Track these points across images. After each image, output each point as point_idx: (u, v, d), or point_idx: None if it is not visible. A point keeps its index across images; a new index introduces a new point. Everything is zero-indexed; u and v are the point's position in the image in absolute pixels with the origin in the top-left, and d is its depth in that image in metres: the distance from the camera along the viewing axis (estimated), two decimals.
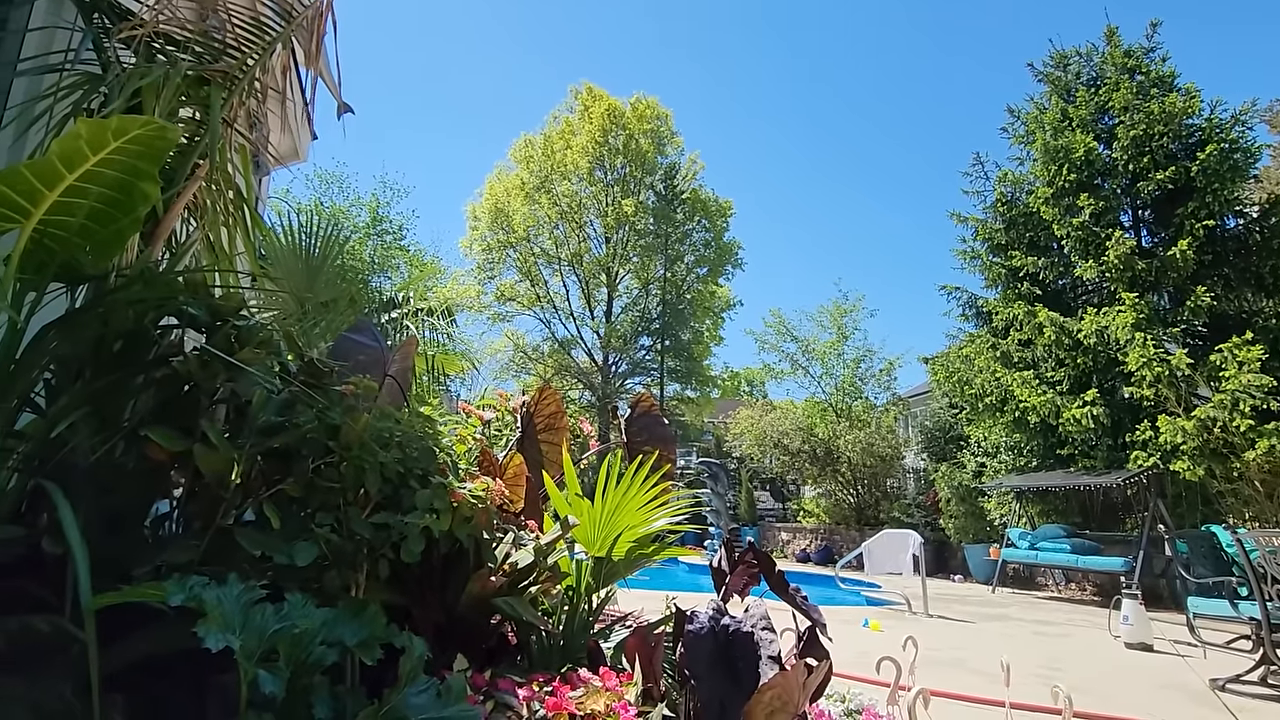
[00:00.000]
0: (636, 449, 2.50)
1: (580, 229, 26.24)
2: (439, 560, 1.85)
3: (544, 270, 26.70)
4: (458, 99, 64.96)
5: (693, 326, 27.46)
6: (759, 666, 1.38)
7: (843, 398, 19.64)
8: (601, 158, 25.73)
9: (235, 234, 2.28)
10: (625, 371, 27.29)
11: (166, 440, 1.43)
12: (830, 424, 18.35)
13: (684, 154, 27.50)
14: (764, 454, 19.76)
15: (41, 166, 1.50)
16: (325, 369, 1.70)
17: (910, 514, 15.96)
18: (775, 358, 21.69)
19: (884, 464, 17.26)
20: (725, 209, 27.92)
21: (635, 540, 2.16)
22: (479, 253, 26.29)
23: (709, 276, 27.52)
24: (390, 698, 1.23)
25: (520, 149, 26.33)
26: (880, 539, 9.62)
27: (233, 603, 1.17)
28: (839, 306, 20.60)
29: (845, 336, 20.21)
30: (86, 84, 1.96)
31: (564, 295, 26.99)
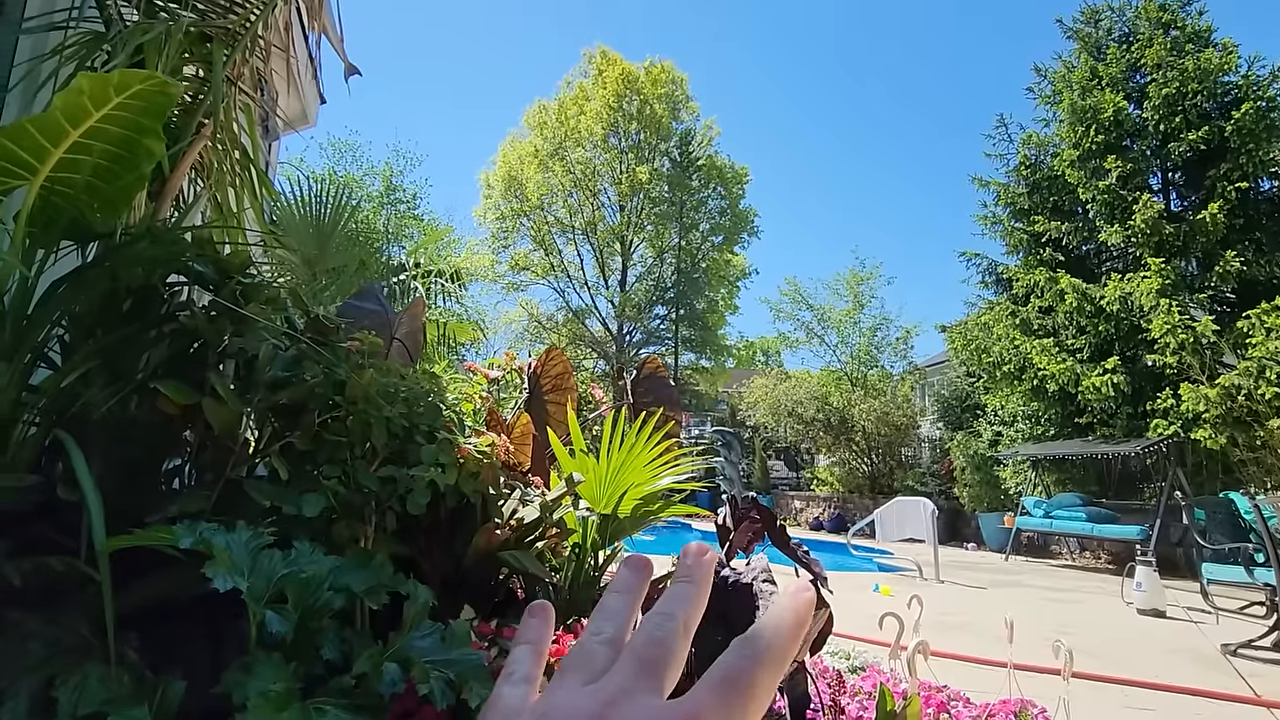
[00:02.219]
0: (642, 409, 2.51)
1: (594, 197, 26.01)
2: (446, 514, 1.88)
3: (558, 239, 26.58)
4: (471, 64, 64.05)
5: (707, 295, 27.29)
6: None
7: (858, 366, 19.52)
8: (616, 124, 25.36)
9: (242, 194, 2.28)
10: (640, 341, 27.27)
11: (177, 394, 1.46)
12: (845, 393, 18.27)
13: (699, 120, 27.03)
14: (778, 423, 19.75)
15: (46, 122, 1.51)
16: (331, 326, 1.71)
17: (925, 483, 15.94)
18: (791, 326, 21.55)
19: (899, 433, 17.20)
20: (741, 176, 27.49)
21: (641, 498, 2.18)
22: (493, 221, 26.20)
23: (724, 245, 27.24)
24: (395, 641, 1.26)
25: (534, 115, 26.00)
26: (893, 506, 9.63)
27: (241, 548, 1.21)
28: (855, 274, 20.34)
29: (862, 305, 20.00)
30: (90, 41, 1.95)
31: (578, 264, 26.90)
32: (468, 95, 64.76)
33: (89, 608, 1.20)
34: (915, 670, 1.80)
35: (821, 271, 30.00)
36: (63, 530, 1.30)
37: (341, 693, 1.17)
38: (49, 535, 1.27)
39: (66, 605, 1.20)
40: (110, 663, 1.08)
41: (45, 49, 2.23)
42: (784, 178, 76.29)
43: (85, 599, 1.21)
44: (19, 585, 1.11)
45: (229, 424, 1.53)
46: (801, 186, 77.47)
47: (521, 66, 65.95)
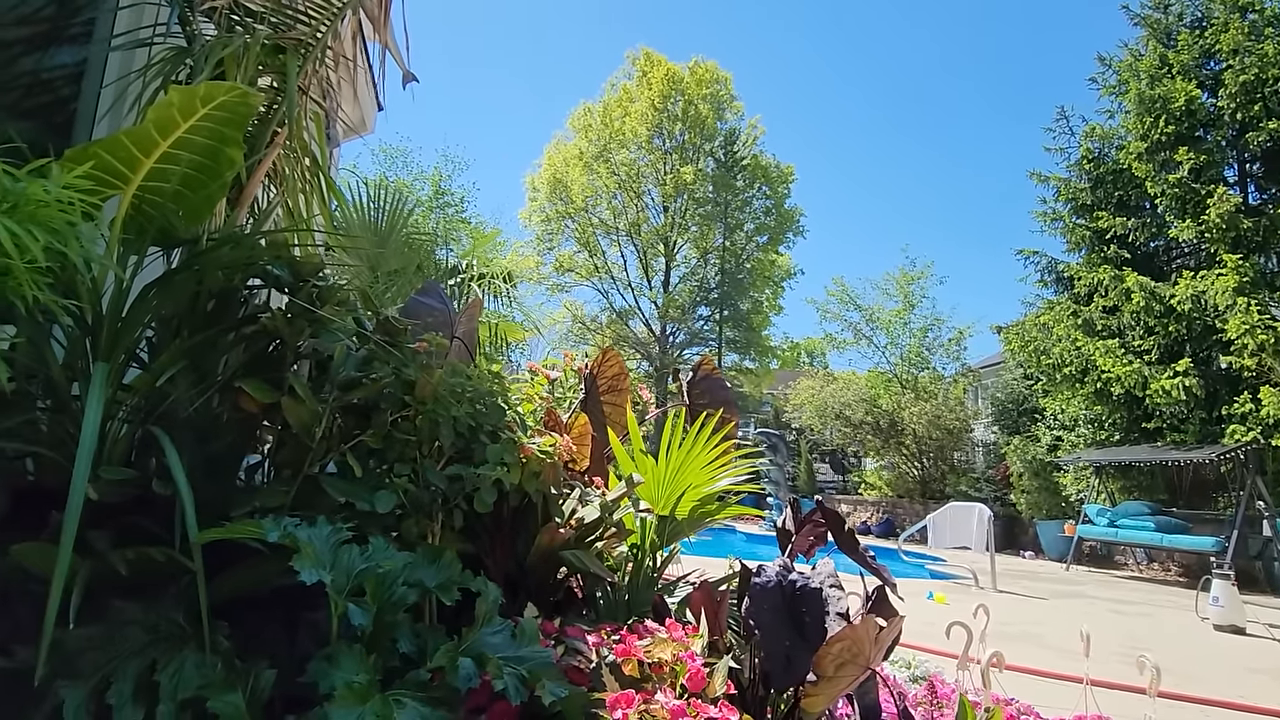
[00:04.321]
0: (698, 410, 2.50)
1: (638, 198, 26.08)
2: (509, 513, 1.91)
3: (602, 240, 26.74)
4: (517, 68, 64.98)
5: (752, 296, 27.05)
6: (826, 622, 1.37)
7: (908, 368, 19.04)
8: (660, 125, 25.38)
9: (311, 200, 2.36)
10: (683, 342, 27.22)
11: (259, 392, 1.52)
12: (895, 395, 17.85)
13: (744, 119, 26.83)
14: (824, 425, 19.43)
15: (139, 134, 1.59)
16: (400, 327, 1.75)
17: (979, 488, 15.44)
18: (838, 327, 21.16)
19: (951, 437, 16.71)
20: (786, 175, 27.17)
21: (698, 499, 2.17)
22: (538, 224, 26.53)
23: (769, 245, 26.96)
24: (468, 636, 1.28)
25: (579, 118, 26.22)
26: (946, 512, 9.36)
27: (322, 542, 1.24)
28: (906, 274, 19.85)
29: (912, 305, 19.50)
30: (174, 56, 2.05)
31: (622, 265, 27.01)
32: (515, 98, 65.74)
33: (182, 596, 1.26)
34: (990, 682, 1.74)
35: (870, 271, 29.38)
36: (157, 522, 1.37)
37: (418, 686, 1.19)
38: (144, 527, 1.33)
39: (162, 594, 1.26)
40: (205, 650, 1.13)
41: (132, 66, 2.35)
42: (831, 176, 74.99)
43: (179, 588, 1.27)
44: (125, 574, 1.17)
45: (306, 422, 1.58)
46: (849, 185, 76.03)
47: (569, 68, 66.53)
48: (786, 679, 1.33)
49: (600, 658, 1.45)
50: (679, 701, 1.30)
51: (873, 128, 73.29)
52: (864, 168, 75.74)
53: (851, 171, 75.96)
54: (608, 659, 1.42)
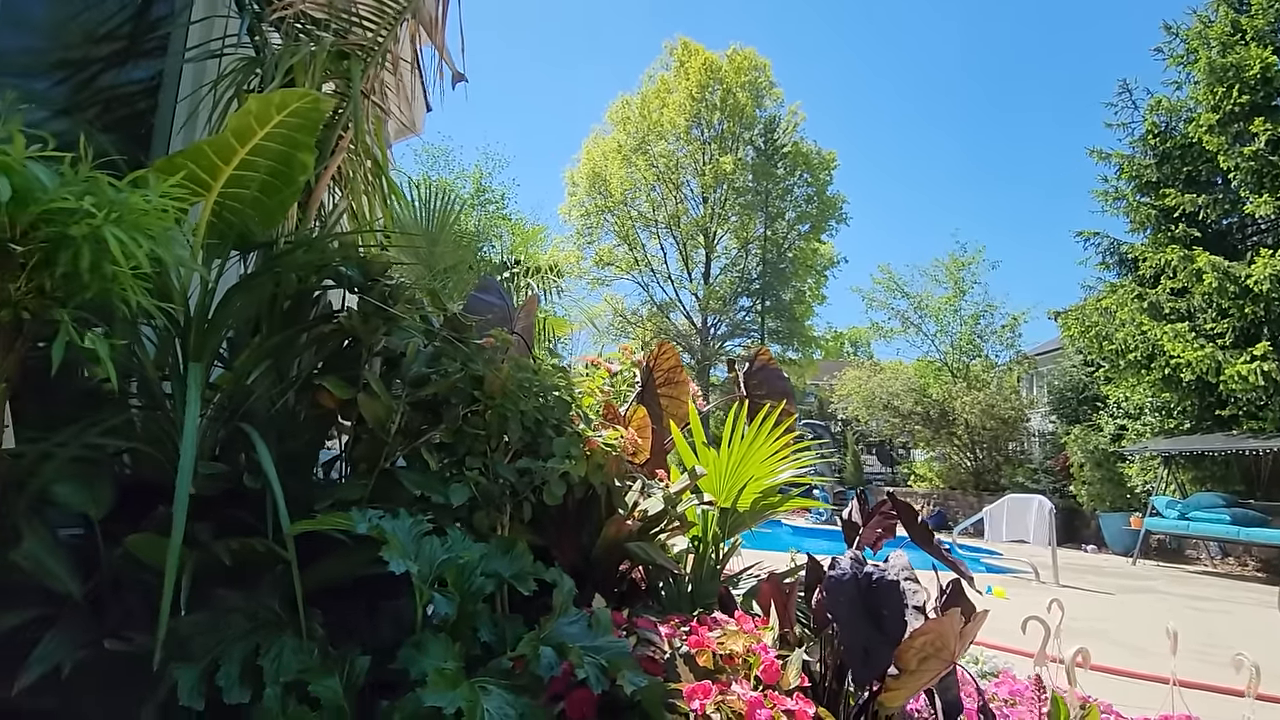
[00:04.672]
0: (755, 402, 2.48)
1: (677, 190, 25.96)
2: (574, 505, 1.93)
3: (641, 233, 26.72)
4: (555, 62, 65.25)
5: (794, 286, 26.69)
6: (904, 615, 1.35)
7: (959, 356, 18.52)
8: (699, 114, 25.18)
9: (374, 201, 2.43)
10: (724, 333, 27.04)
11: (338, 389, 1.57)
12: (946, 384, 17.39)
13: (784, 106, 26.41)
14: (871, 416, 19.05)
15: (219, 143, 1.65)
16: (467, 323, 1.79)
17: (1036, 479, 14.94)
18: (884, 315, 20.73)
19: (1006, 426, 16.19)
20: (828, 161, 26.65)
21: (760, 491, 2.16)
22: (577, 218, 26.66)
23: (811, 233, 26.53)
24: (546, 626, 1.31)
25: (617, 110, 26.22)
26: (1003, 504, 9.09)
27: (405, 534, 1.28)
28: (956, 259, 19.28)
29: (963, 291, 18.94)
30: (244, 66, 2.13)
31: (662, 258, 26.95)
32: (554, 93, 66.01)
33: (277, 585, 1.32)
34: (1075, 680, 1.69)
35: (918, 258, 28.66)
36: (249, 515, 1.43)
37: (500, 673, 1.22)
38: (239, 519, 1.40)
39: (258, 582, 1.32)
40: (302, 636, 1.18)
41: (204, 77, 2.45)
42: (875, 161, 73.05)
43: (274, 577, 1.33)
44: (229, 564, 1.23)
45: (381, 418, 1.63)
46: (894, 169, 73.92)
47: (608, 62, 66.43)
48: (865, 673, 1.32)
49: (673, 649, 1.45)
50: (755, 693, 1.30)
51: (918, 109, 71.18)
52: (910, 151, 73.59)
53: (897, 156, 73.90)
54: (681, 650, 1.43)
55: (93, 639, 1.19)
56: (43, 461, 1.36)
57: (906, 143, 73.61)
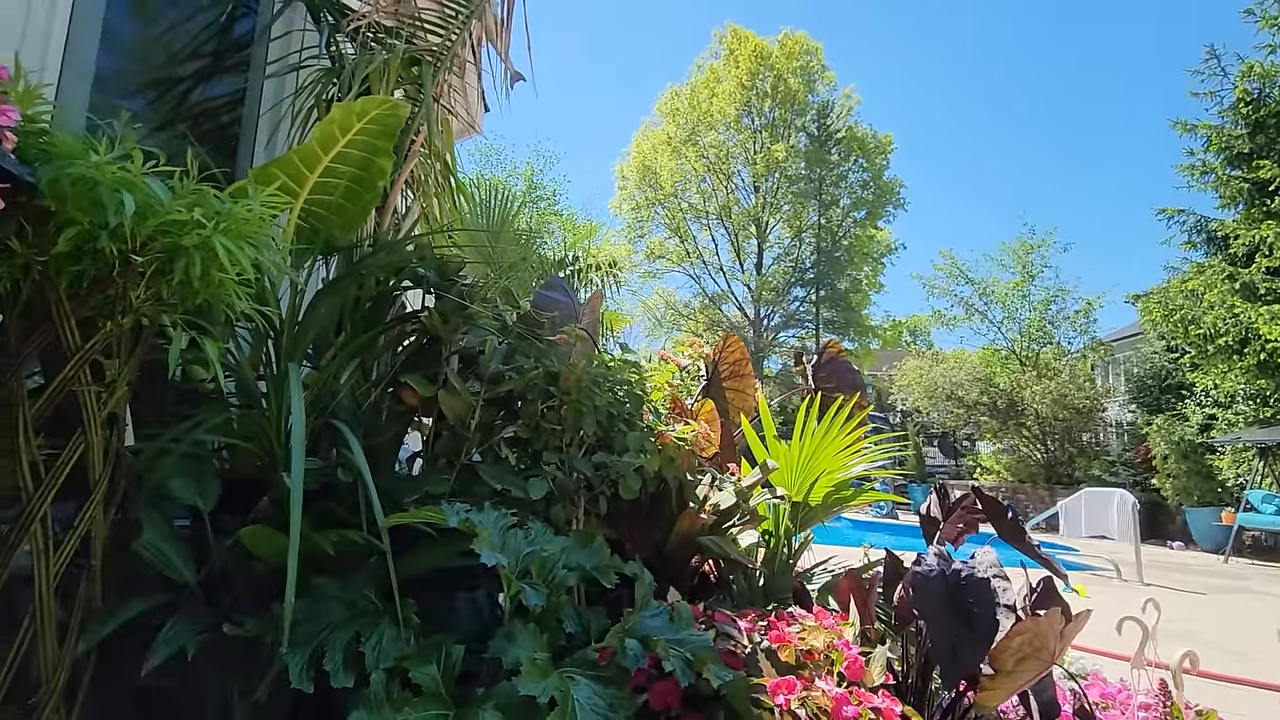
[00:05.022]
0: (824, 395, 2.44)
1: (728, 180, 25.70)
2: (646, 499, 1.94)
3: (692, 225, 26.59)
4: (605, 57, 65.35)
5: (850, 274, 26.08)
6: (995, 613, 1.31)
7: (1028, 344, 17.74)
8: (749, 103, 24.83)
9: (444, 203, 2.49)
10: (778, 324, 26.68)
11: (421, 387, 1.62)
12: (1014, 373, 16.69)
13: (837, 90, 25.76)
14: (934, 407, 18.46)
15: (306, 152, 1.73)
16: (540, 320, 1.82)
17: (1114, 472, 14.19)
18: (947, 303, 20.02)
19: (1080, 417, 15.42)
20: (884, 145, 25.89)
21: (833, 485, 2.12)
22: (628, 212, 26.72)
23: (867, 220, 25.85)
24: (630, 618, 1.32)
25: (666, 102, 26.11)
26: (1081, 498, 8.67)
27: (492, 527, 1.32)
28: (1024, 243, 18.44)
29: (1031, 276, 18.11)
30: (323, 77, 2.21)
31: (713, 249, 26.76)
32: (603, 88, 66.15)
33: (371, 575, 1.38)
34: (1181, 684, 1.60)
35: (982, 242, 27.57)
36: (341, 507, 1.50)
37: (587, 664, 1.24)
38: (334, 511, 1.46)
39: (354, 572, 1.38)
40: (399, 625, 1.23)
41: (284, 89, 2.56)
42: (935, 143, 70.34)
43: (366, 568, 1.39)
44: (332, 554, 1.29)
45: (460, 414, 1.68)
46: (956, 151, 71.02)
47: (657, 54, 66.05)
48: (954, 671, 1.28)
49: (753, 643, 1.45)
50: (840, 689, 1.28)
51: (980, 87, 68.15)
52: (972, 131, 70.58)
53: (958, 136, 70.97)
54: (762, 645, 1.42)
55: (209, 624, 1.27)
56: (158, 458, 1.46)
57: (968, 122, 70.64)
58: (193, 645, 1.18)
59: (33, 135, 1.07)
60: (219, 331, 1.61)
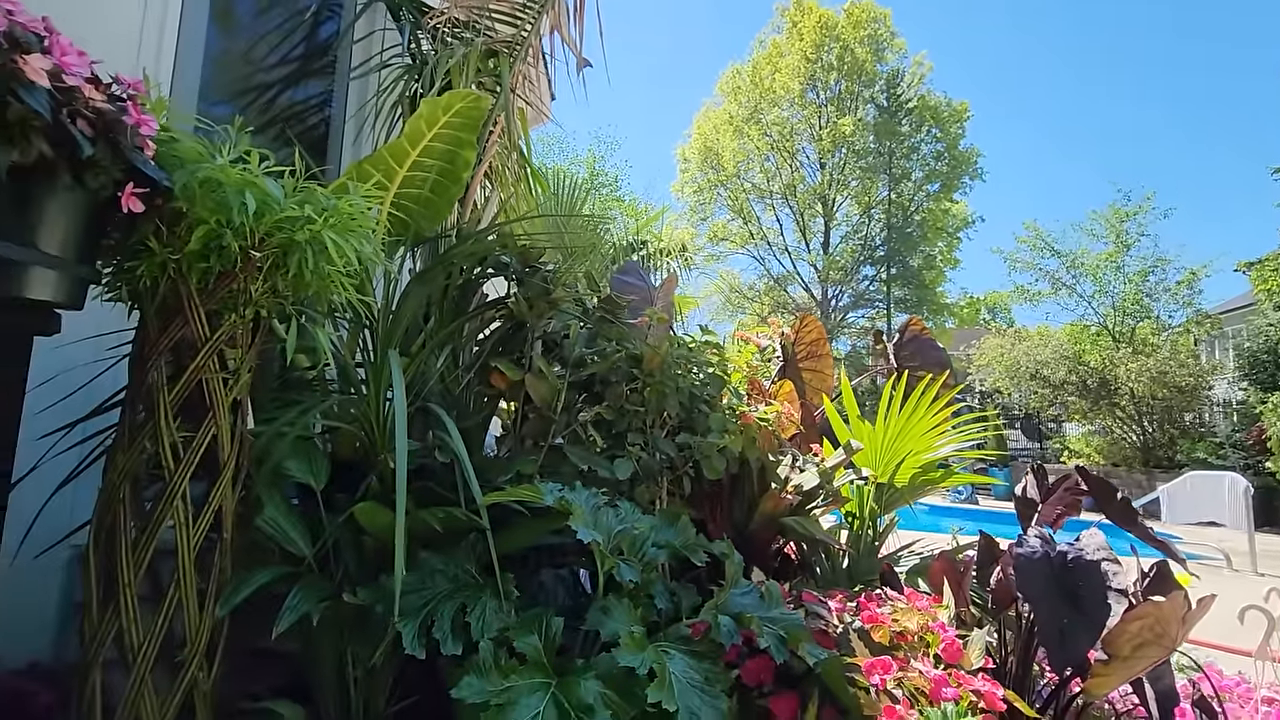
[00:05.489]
0: (911, 374, 2.37)
1: (792, 158, 25.07)
2: (727, 479, 1.95)
3: (755, 206, 26.11)
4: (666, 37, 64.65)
5: (923, 250, 25.05)
6: (1106, 597, 1.25)
7: (1122, 319, 16.59)
8: (814, 76, 24.08)
9: (519, 191, 2.55)
10: (846, 305, 25.96)
11: (510, 371, 1.68)
12: (1105, 350, 15.66)
13: (907, 58, 24.63)
14: (1016, 387, 17.56)
15: (395, 148, 1.80)
16: (621, 304, 1.84)
17: (1222, 455, 13.15)
18: (1030, 277, 18.91)
19: (1181, 395, 14.32)
20: (959, 113, 24.61)
21: (920, 466, 2.07)
22: (690, 195, 26.49)
23: (941, 193, 24.71)
24: (721, 595, 1.34)
25: (728, 80, 25.64)
26: (1186, 482, 8.10)
27: (585, 505, 1.35)
28: (1117, 210, 17.19)
29: (1126, 245, 16.89)
30: (404, 74, 2.29)
31: (777, 230, 26.22)
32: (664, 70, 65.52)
33: (470, 550, 1.44)
34: None
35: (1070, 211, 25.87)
36: (439, 486, 1.58)
37: (679, 639, 1.27)
38: (433, 490, 1.54)
39: (454, 548, 1.45)
40: (500, 597, 1.29)
41: (368, 89, 2.67)
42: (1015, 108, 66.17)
43: (467, 543, 1.46)
44: (440, 530, 1.36)
45: (547, 397, 1.73)
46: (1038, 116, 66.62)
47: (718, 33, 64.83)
48: (1063, 656, 1.23)
49: (844, 623, 1.44)
50: (940, 671, 1.26)
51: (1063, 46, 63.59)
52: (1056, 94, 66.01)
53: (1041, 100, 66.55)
54: (853, 625, 1.41)
55: (327, 594, 1.37)
56: (274, 440, 1.57)
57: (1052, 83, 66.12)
58: (316, 612, 1.27)
59: (163, 142, 1.16)
60: (323, 321, 1.71)
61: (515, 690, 1.06)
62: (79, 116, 0.90)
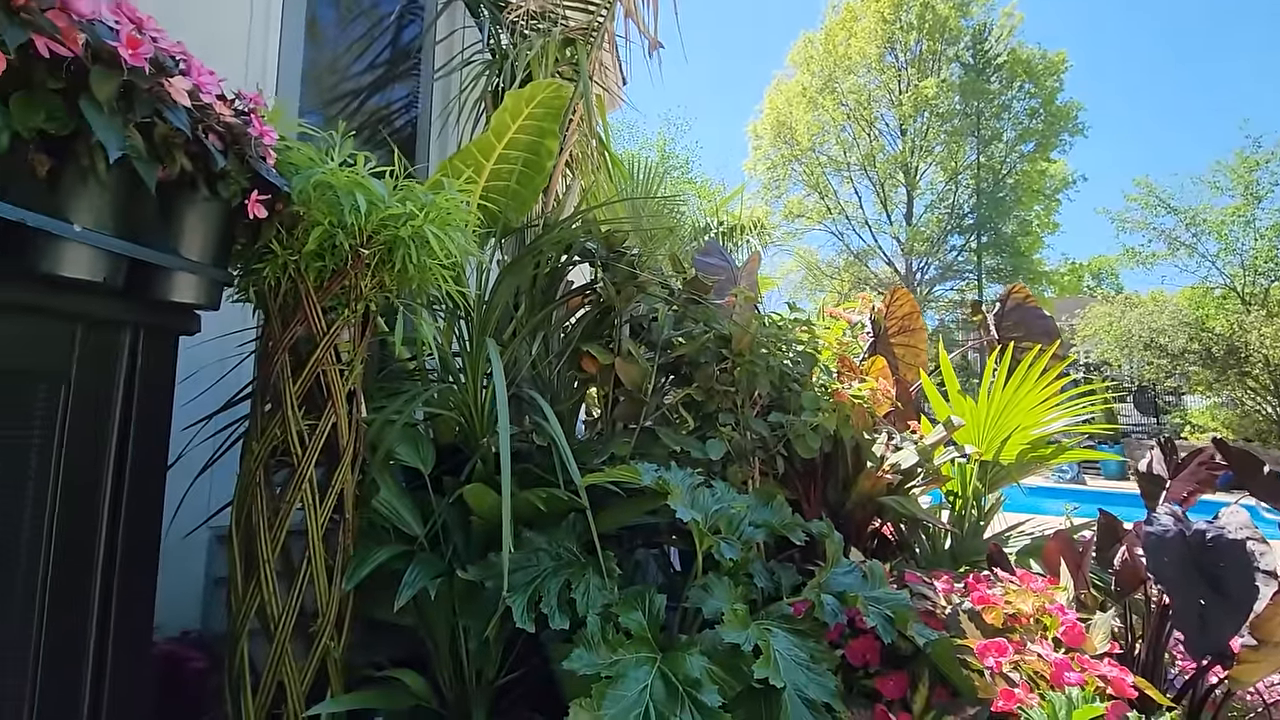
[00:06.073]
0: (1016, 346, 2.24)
1: (870, 126, 24.00)
2: (820, 459, 1.92)
3: (832, 179, 25.20)
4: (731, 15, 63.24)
5: (1017, 216, 23.47)
6: (1254, 579, 1.14)
7: (1253, 279, 15.01)
8: (892, 38, 22.90)
9: (599, 178, 2.57)
10: (933, 278, 24.72)
11: (601, 355, 1.71)
12: (1233, 314, 14.23)
13: (995, 9, 22.96)
14: (1127, 358, 16.26)
15: (482, 142, 1.86)
16: (707, 285, 1.83)
17: None
18: (1142, 238, 17.38)
19: None
20: (1056, 65, 22.78)
21: (1028, 442, 1.96)
22: (763, 172, 25.86)
23: (1037, 152, 23.01)
24: (822, 575, 1.32)
25: (799, 51, 24.78)
26: None
27: (682, 485, 1.37)
28: (1246, 159, 15.49)
29: (1258, 197, 15.20)
30: (485, 70, 2.35)
31: (856, 203, 25.23)
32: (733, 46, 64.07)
33: (570, 529, 1.49)
34: None
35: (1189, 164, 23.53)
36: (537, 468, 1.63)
37: (781, 618, 1.26)
38: (533, 472, 1.59)
39: (555, 527, 1.50)
40: (602, 575, 1.32)
41: (451, 87, 2.76)
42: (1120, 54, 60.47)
43: (568, 523, 1.50)
44: (544, 510, 1.41)
45: (637, 380, 1.75)
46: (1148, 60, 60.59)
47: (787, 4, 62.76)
48: (1203, 642, 1.14)
49: (952, 604, 1.39)
50: (1062, 655, 1.20)
51: None
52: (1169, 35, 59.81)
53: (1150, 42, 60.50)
54: (963, 606, 1.36)
55: (440, 571, 1.45)
56: (384, 427, 1.67)
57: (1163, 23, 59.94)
58: (433, 588, 1.35)
59: (279, 151, 1.25)
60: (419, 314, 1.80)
61: (623, 663, 1.09)
62: (211, 131, 0.98)
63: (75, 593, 1.05)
